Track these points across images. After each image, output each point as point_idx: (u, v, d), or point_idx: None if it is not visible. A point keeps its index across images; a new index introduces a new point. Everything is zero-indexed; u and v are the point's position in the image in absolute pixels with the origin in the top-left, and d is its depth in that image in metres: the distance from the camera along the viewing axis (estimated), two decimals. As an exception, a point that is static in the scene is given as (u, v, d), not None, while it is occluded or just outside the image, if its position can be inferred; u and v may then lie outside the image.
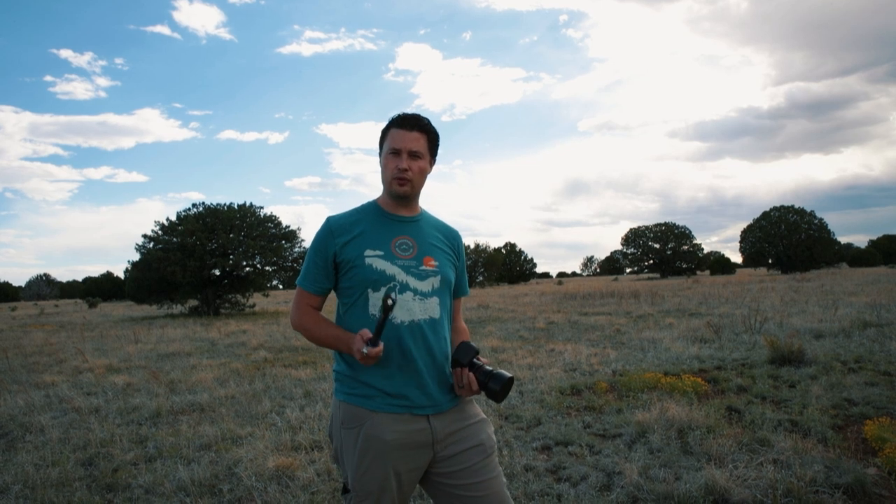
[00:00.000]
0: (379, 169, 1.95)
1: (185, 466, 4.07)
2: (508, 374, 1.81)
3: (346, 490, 1.85)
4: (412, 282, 1.85)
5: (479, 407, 2.01)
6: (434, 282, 1.89)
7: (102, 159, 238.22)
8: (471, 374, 1.82)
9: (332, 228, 1.88)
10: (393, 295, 1.72)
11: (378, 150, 1.96)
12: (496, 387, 1.78)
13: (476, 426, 1.90)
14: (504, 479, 1.92)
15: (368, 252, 1.84)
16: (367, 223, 1.90)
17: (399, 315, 1.81)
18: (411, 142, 1.86)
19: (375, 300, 1.82)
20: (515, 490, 3.40)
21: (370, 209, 1.95)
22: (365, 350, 1.66)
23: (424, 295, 1.86)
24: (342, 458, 1.86)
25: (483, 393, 1.81)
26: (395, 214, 1.93)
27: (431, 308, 1.87)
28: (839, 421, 4.50)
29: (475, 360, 1.85)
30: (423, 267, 1.88)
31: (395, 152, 1.86)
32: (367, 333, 1.69)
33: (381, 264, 1.83)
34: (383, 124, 1.94)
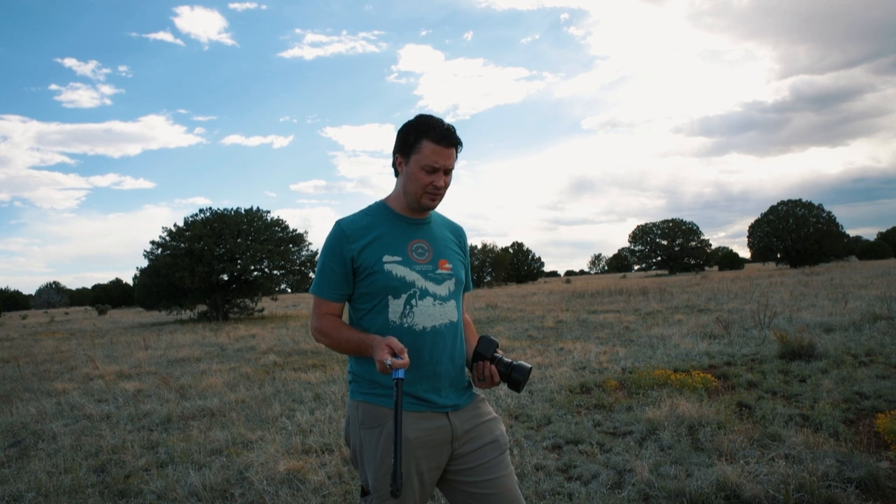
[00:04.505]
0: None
1: (197, 471, 4.09)
2: (529, 365, 1.86)
3: (364, 492, 1.83)
4: (431, 287, 1.84)
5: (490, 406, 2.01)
6: (450, 285, 1.89)
7: (109, 167, 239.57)
8: (493, 367, 1.86)
9: (347, 233, 1.83)
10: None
11: (393, 150, 1.88)
12: (520, 377, 1.84)
13: (490, 423, 1.91)
14: (516, 478, 1.92)
15: (387, 258, 1.81)
16: (381, 227, 1.86)
17: (420, 322, 1.80)
18: (448, 159, 1.81)
19: (396, 307, 1.80)
20: (527, 489, 3.40)
21: (381, 211, 1.91)
22: (388, 361, 1.62)
23: (443, 299, 1.86)
24: (361, 460, 1.83)
25: (506, 384, 1.86)
26: (407, 217, 1.90)
27: (450, 312, 1.87)
28: (851, 415, 4.47)
29: (495, 352, 1.89)
30: (439, 270, 1.87)
31: (433, 170, 1.81)
32: (396, 344, 1.65)
33: (400, 270, 1.81)
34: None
